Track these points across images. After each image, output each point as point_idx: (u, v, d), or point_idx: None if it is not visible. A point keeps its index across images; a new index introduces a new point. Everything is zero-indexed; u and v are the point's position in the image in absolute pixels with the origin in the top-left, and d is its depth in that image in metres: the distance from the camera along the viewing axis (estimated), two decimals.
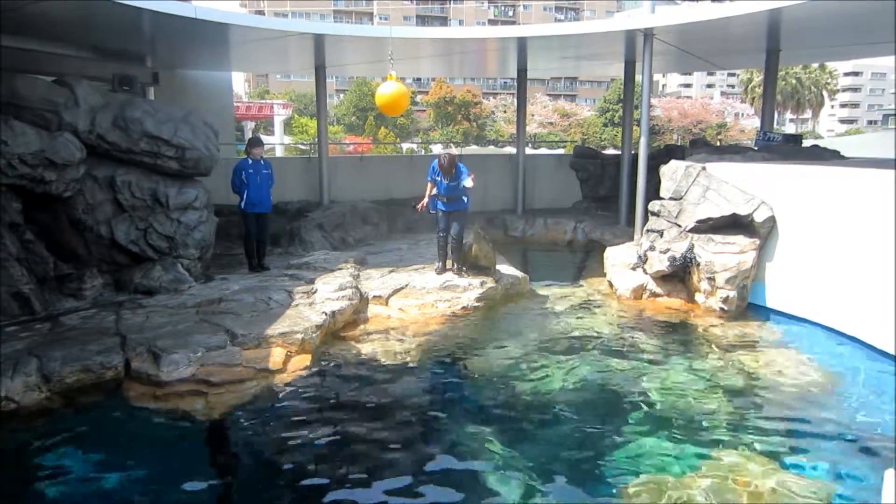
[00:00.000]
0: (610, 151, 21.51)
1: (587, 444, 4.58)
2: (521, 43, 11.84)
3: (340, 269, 8.32)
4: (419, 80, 54.50)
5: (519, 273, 8.77)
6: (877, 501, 3.66)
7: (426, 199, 8.26)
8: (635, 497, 3.84)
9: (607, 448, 4.49)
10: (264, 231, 8.81)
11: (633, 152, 11.93)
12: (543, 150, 26.35)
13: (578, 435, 4.71)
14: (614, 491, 3.94)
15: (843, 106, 75.97)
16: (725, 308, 7.34)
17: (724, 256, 7.38)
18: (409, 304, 7.58)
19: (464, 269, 8.19)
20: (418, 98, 53.49)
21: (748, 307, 7.52)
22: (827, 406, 5.21)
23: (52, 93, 7.19)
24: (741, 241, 7.43)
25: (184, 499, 3.98)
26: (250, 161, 8.47)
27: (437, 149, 33.62)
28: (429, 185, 8.19)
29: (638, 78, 12.74)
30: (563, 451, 4.44)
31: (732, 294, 7.29)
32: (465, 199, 8.13)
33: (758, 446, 4.44)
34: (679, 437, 4.60)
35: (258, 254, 8.74)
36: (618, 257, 8.89)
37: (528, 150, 16.84)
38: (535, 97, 45.07)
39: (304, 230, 10.86)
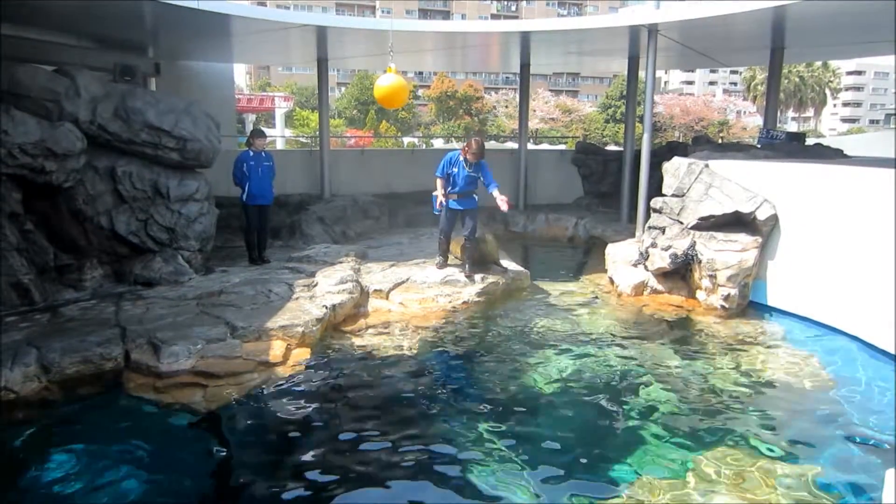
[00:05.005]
0: (612, 148, 21.48)
1: (586, 441, 4.57)
2: (525, 38, 11.80)
3: (341, 262, 8.31)
4: (421, 73, 54.39)
5: (520, 268, 8.76)
6: (878, 502, 3.66)
7: (441, 198, 7.91)
8: (633, 495, 3.83)
9: (606, 446, 4.49)
10: (265, 223, 8.80)
11: (635, 149, 11.90)
12: (545, 146, 26.30)
13: (578, 432, 4.70)
14: (613, 489, 3.93)
15: (845, 105, 75.88)
16: (726, 306, 7.33)
17: (725, 254, 7.36)
18: (409, 298, 7.57)
19: (474, 274, 8.00)
20: (420, 92, 53.38)
21: (749, 305, 7.50)
22: (827, 405, 5.20)
23: (53, 82, 7.15)
24: (743, 238, 7.41)
25: (182, 491, 3.98)
26: (251, 153, 8.45)
27: (438, 143, 33.58)
28: (440, 181, 7.92)
29: (641, 74, 12.70)
30: (562, 448, 4.43)
31: (734, 292, 7.28)
32: (475, 196, 8.00)
33: (757, 445, 4.43)
34: (678, 434, 4.59)
35: (259, 246, 8.73)
36: (619, 254, 8.87)
37: (530, 146, 16.81)
38: (536, 93, 44.99)
39: (305, 223, 10.85)
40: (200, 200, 8.03)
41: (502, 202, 7.52)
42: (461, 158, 7.81)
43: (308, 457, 4.27)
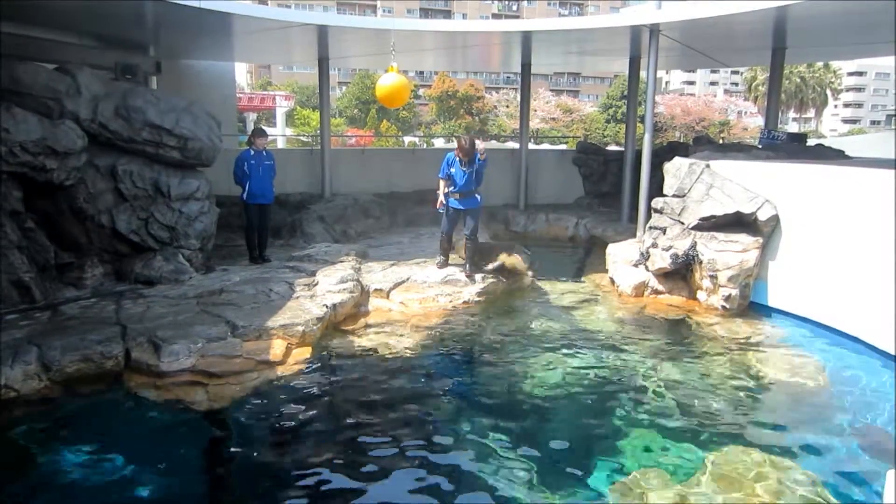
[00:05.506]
0: (612, 148, 21.46)
1: (586, 439, 4.57)
2: (526, 37, 11.80)
3: (342, 261, 8.30)
4: (422, 73, 54.36)
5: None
6: (878, 502, 3.66)
7: (441, 197, 8.01)
8: (633, 494, 3.83)
9: (606, 445, 4.48)
10: (266, 222, 8.80)
11: (636, 149, 11.90)
12: (546, 146, 26.29)
13: (578, 430, 4.71)
14: (613, 488, 3.93)
15: (846, 106, 75.80)
16: (727, 306, 7.33)
17: (726, 254, 7.35)
18: (410, 297, 7.57)
19: (476, 273, 8.03)
20: (421, 91, 53.33)
21: (750, 306, 7.50)
22: (827, 405, 5.20)
23: (54, 80, 7.15)
24: (744, 239, 7.40)
25: (182, 489, 3.98)
26: (252, 152, 8.45)
27: (439, 143, 33.56)
28: (442, 182, 7.96)
29: (642, 74, 12.69)
30: (561, 447, 4.43)
31: (734, 292, 7.27)
32: (477, 196, 8.03)
33: (757, 445, 4.43)
34: (678, 434, 4.59)
35: (259, 245, 8.73)
36: (620, 254, 8.87)
37: (531, 146, 16.84)
38: (537, 92, 44.91)
39: (306, 222, 10.85)
40: (201, 199, 8.03)
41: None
42: (456, 158, 7.84)
43: (308, 456, 4.26)
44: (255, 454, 4.37)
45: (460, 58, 16.27)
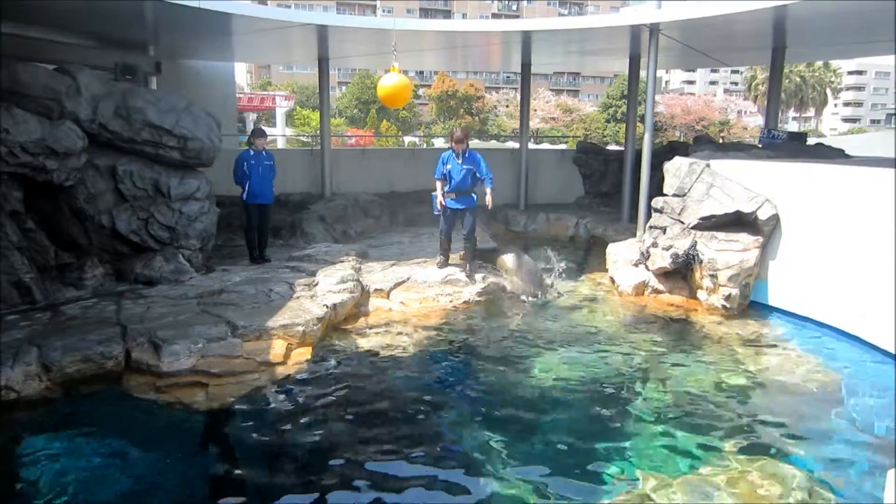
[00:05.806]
0: (613, 147, 21.46)
1: (587, 440, 4.56)
2: (526, 37, 11.80)
3: (342, 261, 8.30)
4: (422, 73, 54.39)
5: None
6: (879, 502, 3.66)
7: (441, 198, 7.92)
8: (634, 494, 3.83)
9: (607, 445, 4.48)
10: (266, 222, 8.80)
11: (636, 148, 11.90)
12: (546, 146, 26.29)
13: (579, 431, 4.70)
14: (614, 488, 3.93)
15: (846, 104, 75.84)
16: (727, 306, 7.32)
17: (727, 254, 7.35)
18: (410, 297, 7.57)
19: (474, 274, 8.05)
20: (421, 91, 53.38)
21: (750, 305, 7.50)
22: (828, 405, 5.20)
23: (53, 81, 7.15)
24: (744, 238, 7.40)
25: (183, 490, 3.98)
26: (252, 152, 8.45)
27: (439, 142, 33.57)
28: (439, 183, 7.92)
29: (642, 74, 12.69)
30: (562, 447, 4.43)
31: (735, 292, 7.27)
32: (474, 195, 8.01)
33: (759, 444, 4.43)
34: (678, 435, 4.58)
35: (259, 245, 8.73)
36: (620, 253, 8.87)
37: (531, 146, 16.84)
38: (537, 92, 44.97)
39: (306, 222, 10.85)
40: (201, 199, 8.03)
41: (488, 199, 7.87)
42: (452, 154, 7.84)
43: (308, 456, 4.27)
44: (255, 455, 4.37)
45: (460, 58, 16.27)
